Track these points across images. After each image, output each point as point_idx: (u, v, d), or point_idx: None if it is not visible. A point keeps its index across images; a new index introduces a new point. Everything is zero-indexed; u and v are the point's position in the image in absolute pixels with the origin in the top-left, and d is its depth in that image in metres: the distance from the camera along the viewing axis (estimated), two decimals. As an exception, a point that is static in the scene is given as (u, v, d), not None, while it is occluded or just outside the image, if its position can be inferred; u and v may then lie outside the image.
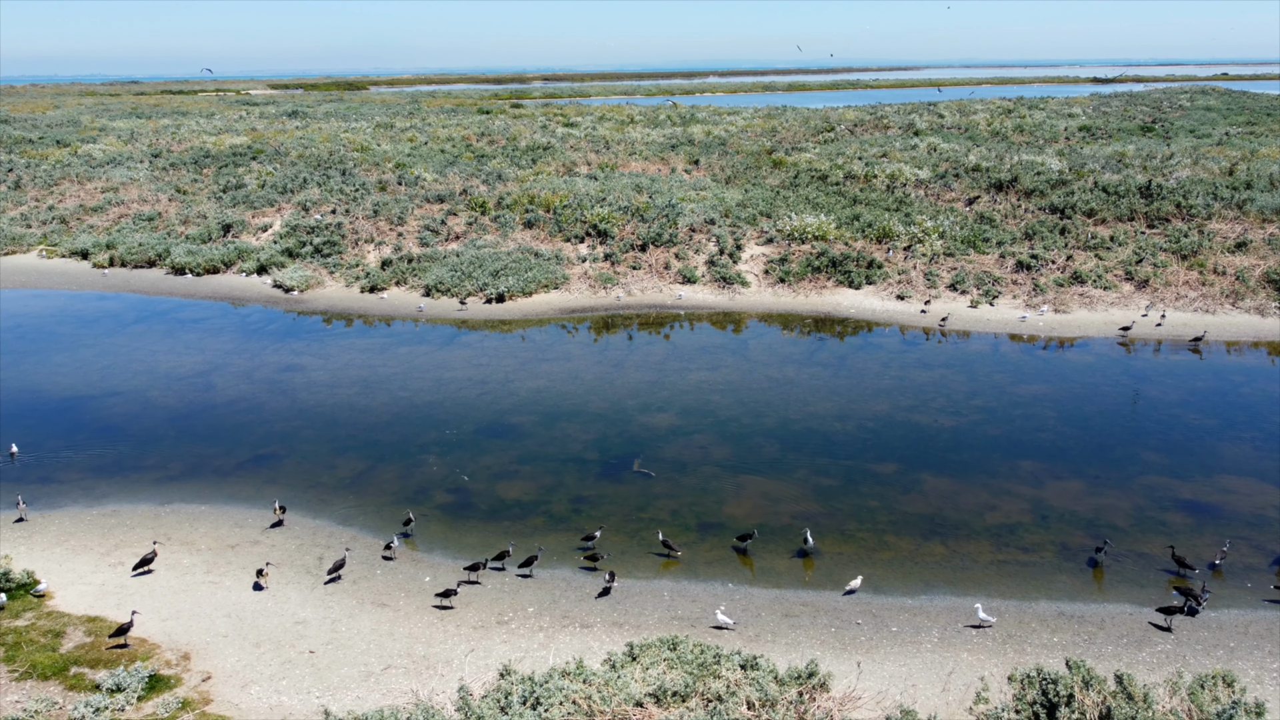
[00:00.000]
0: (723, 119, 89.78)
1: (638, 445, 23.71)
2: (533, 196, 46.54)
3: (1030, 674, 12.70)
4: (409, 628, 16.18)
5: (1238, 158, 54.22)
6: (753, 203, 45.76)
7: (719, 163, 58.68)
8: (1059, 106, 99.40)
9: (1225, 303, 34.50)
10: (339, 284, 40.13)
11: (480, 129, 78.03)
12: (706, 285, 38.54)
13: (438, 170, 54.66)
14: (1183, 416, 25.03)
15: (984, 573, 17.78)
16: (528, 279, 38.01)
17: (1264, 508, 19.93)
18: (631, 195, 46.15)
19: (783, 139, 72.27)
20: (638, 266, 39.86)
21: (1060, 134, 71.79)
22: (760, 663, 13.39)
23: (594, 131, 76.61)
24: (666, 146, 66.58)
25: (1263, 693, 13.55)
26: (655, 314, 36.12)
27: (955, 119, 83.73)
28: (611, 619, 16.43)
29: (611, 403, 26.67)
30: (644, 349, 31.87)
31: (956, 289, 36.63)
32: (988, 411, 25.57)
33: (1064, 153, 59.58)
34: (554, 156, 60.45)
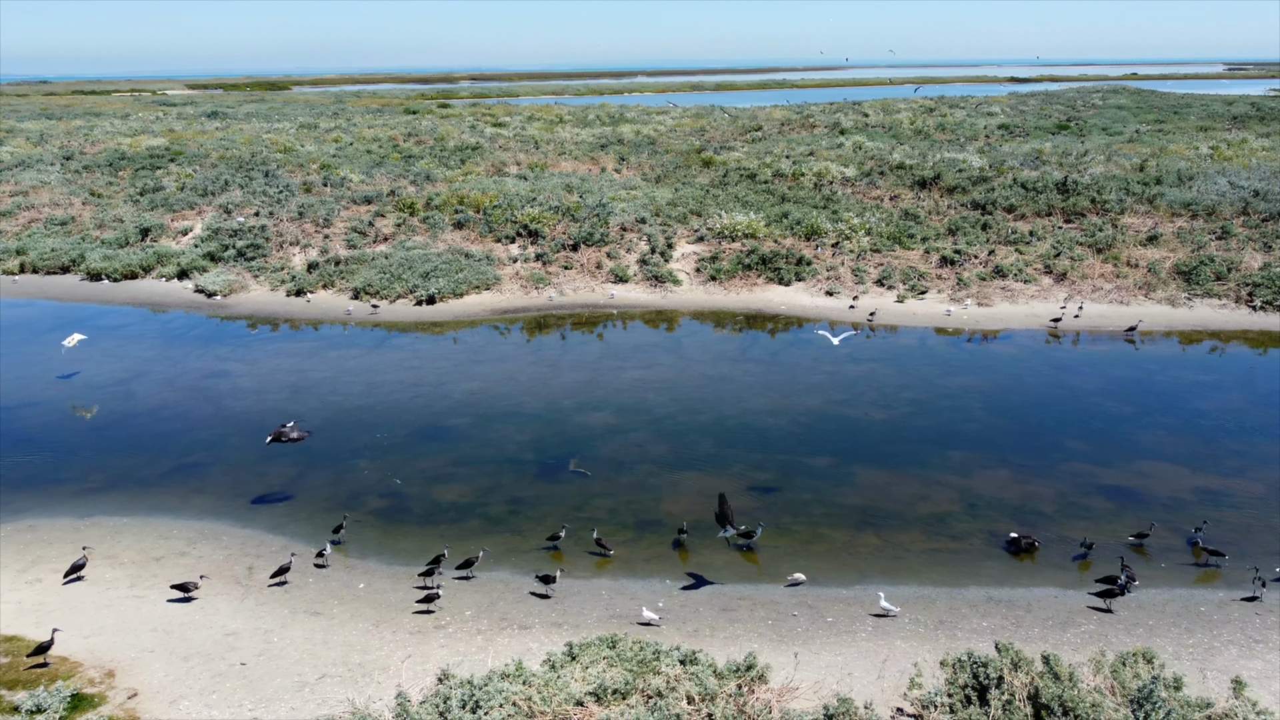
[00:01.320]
0: (652, 118, 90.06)
1: (574, 445, 23.68)
2: (462, 197, 46.13)
3: (962, 658, 13.02)
4: (344, 636, 15.92)
5: (1148, 154, 56.21)
6: (683, 201, 46.01)
7: (649, 162, 58.87)
8: (979, 105, 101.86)
9: (1139, 294, 35.75)
10: (264, 288, 39.29)
11: (407, 129, 77.06)
12: (639, 284, 38.65)
13: (364, 171, 53.84)
14: (1102, 405, 25.86)
15: (916, 561, 18.14)
16: (459, 280, 37.67)
17: (1179, 491, 20.71)
18: (562, 195, 46.05)
19: (712, 138, 72.79)
20: (570, 266, 39.79)
21: (981, 132, 73.57)
22: (699, 657, 13.49)
23: (523, 131, 76.24)
24: (596, 146, 66.57)
25: (1180, 667, 14.06)
26: (588, 313, 36.10)
27: (879, 118, 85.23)
28: (550, 620, 16.38)
29: (547, 403, 26.59)
30: (578, 348, 31.83)
31: (884, 284, 37.33)
32: (917, 404, 26.10)
33: (984, 150, 61.08)
34: (483, 156, 60.00)
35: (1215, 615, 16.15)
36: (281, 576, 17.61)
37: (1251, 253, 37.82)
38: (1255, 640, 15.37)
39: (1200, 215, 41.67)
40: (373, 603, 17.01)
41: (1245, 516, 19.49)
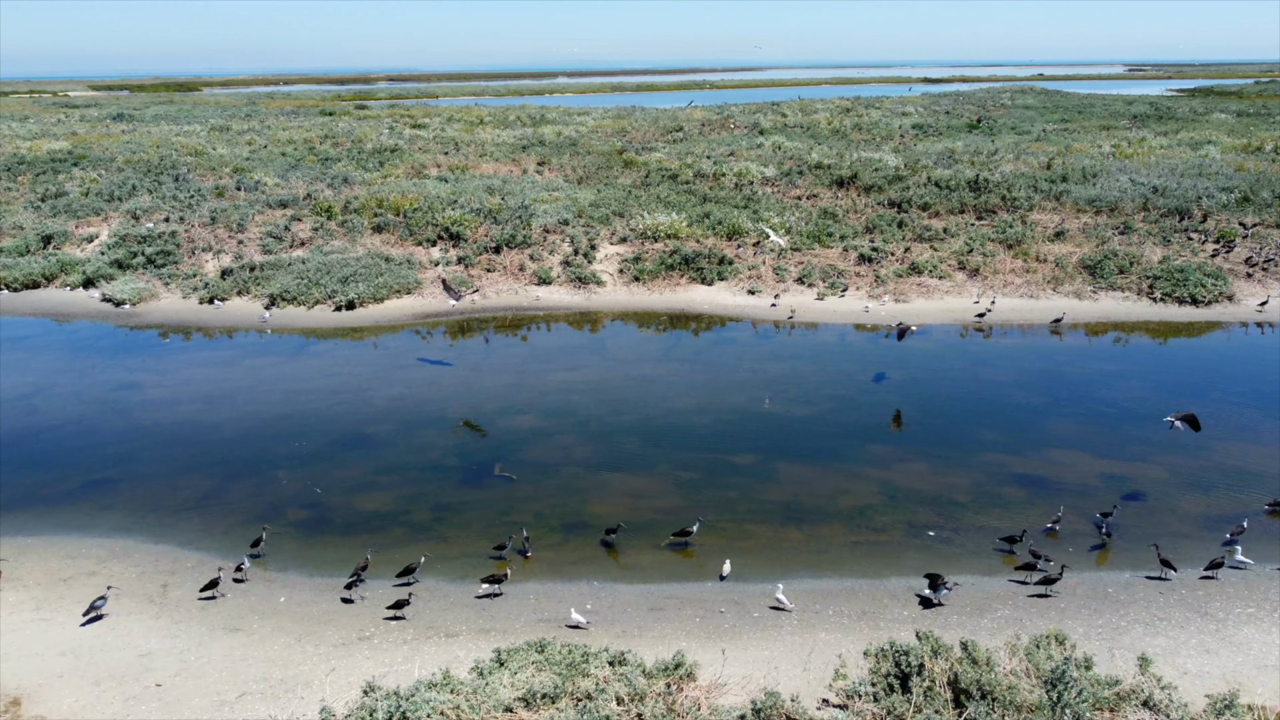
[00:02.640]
0: (573, 119, 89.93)
1: (499, 449, 23.54)
2: (381, 200, 45.45)
3: (884, 648, 13.31)
4: (265, 651, 15.57)
5: (1054, 153, 58.14)
6: (605, 202, 46.06)
7: (571, 163, 58.78)
8: (894, 105, 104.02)
9: (1048, 288, 36.95)
10: (175, 296, 38.17)
11: (324, 131, 75.61)
12: (562, 286, 38.58)
13: (279, 174, 52.65)
14: (1014, 396, 26.68)
15: (839, 554, 18.48)
16: (379, 284, 37.12)
17: (1087, 477, 21.48)
18: (484, 197, 45.71)
19: (633, 139, 72.99)
20: (492, 269, 39.52)
21: (896, 132, 75.16)
22: (628, 658, 13.55)
23: (443, 133, 75.43)
24: (518, 147, 66.21)
25: (1090, 647, 14.60)
26: (512, 316, 35.91)
27: (798, 118, 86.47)
28: (478, 626, 16.27)
29: (471, 407, 26.38)
30: (502, 352, 31.65)
31: (804, 282, 37.91)
32: (838, 399, 26.58)
33: (899, 150, 62.46)
34: (402, 159, 59.19)
35: (1122, 596, 16.80)
36: (211, 590, 17.19)
37: (1151, 247, 39.41)
38: (1159, 618, 16.03)
39: (1104, 211, 43.27)
40: (295, 616, 16.67)
41: (1149, 501, 20.30)
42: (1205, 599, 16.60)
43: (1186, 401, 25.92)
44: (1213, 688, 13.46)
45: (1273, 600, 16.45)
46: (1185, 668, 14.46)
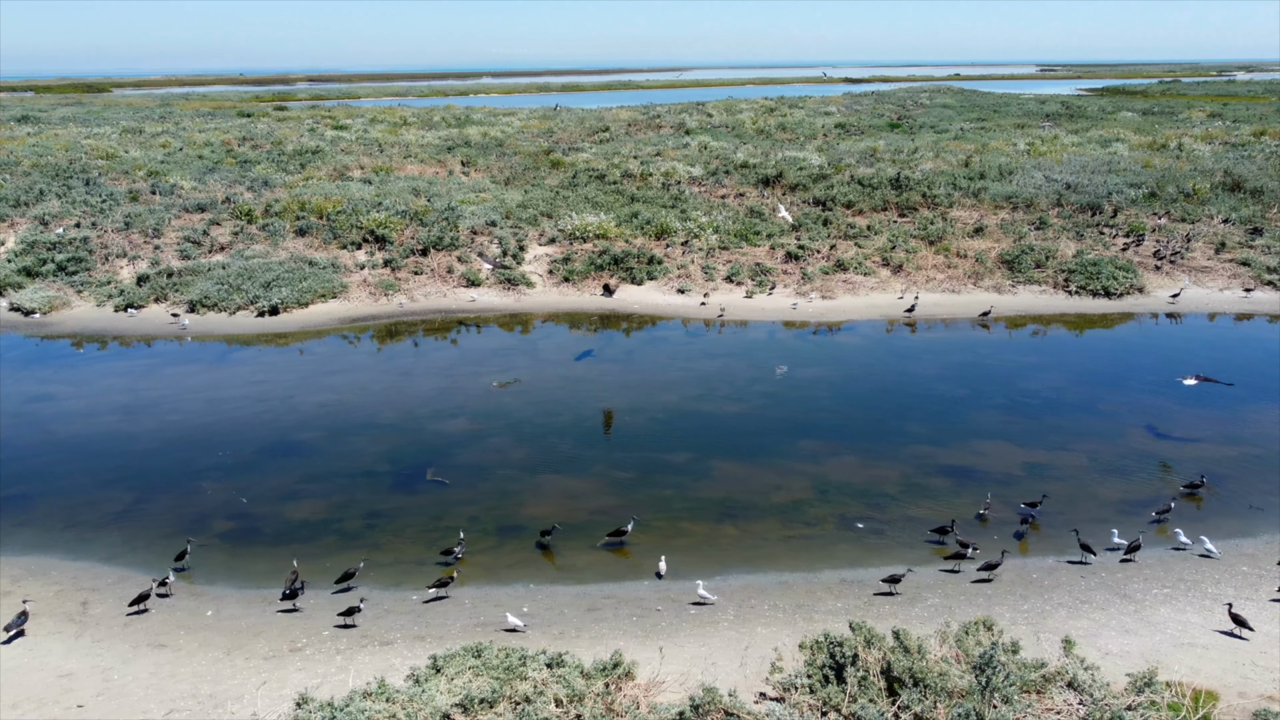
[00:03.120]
0: (499, 120, 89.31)
1: (431, 453, 23.27)
2: (304, 203, 44.55)
3: (819, 639, 13.51)
4: (193, 667, 15.15)
5: (972, 151, 59.61)
6: (533, 203, 45.86)
7: (497, 164, 58.40)
8: (816, 105, 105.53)
9: (969, 283, 37.89)
10: (89, 304, 36.89)
11: (242, 133, 73.77)
12: (492, 287, 38.29)
13: (196, 177, 51.23)
14: (939, 389, 27.29)
15: (774, 549, 18.69)
16: (303, 289, 36.38)
17: (1011, 467, 22.08)
18: (409, 199, 45.13)
19: (560, 139, 72.79)
20: (420, 271, 39.04)
21: (819, 131, 76.27)
22: (566, 659, 13.51)
23: (366, 134, 74.22)
24: (443, 148, 65.52)
25: (1017, 632, 15.01)
26: (441, 319, 35.52)
27: (723, 118, 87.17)
28: (413, 633, 16.06)
29: (402, 412, 26.02)
30: (432, 355, 31.30)
31: (733, 280, 38.25)
32: (769, 396, 26.88)
33: (823, 149, 63.38)
34: (325, 160, 58.10)
35: (1046, 581, 17.31)
36: (142, 604, 16.70)
37: (1066, 241, 40.69)
38: (1081, 601, 16.56)
39: (1020, 207, 44.54)
40: (223, 630, 16.25)
41: (1069, 487, 20.95)
42: (1125, 581, 17.20)
43: (1103, 391, 26.86)
44: (1133, 666, 13.93)
45: (1187, 580, 17.11)
46: (1107, 648, 14.96)
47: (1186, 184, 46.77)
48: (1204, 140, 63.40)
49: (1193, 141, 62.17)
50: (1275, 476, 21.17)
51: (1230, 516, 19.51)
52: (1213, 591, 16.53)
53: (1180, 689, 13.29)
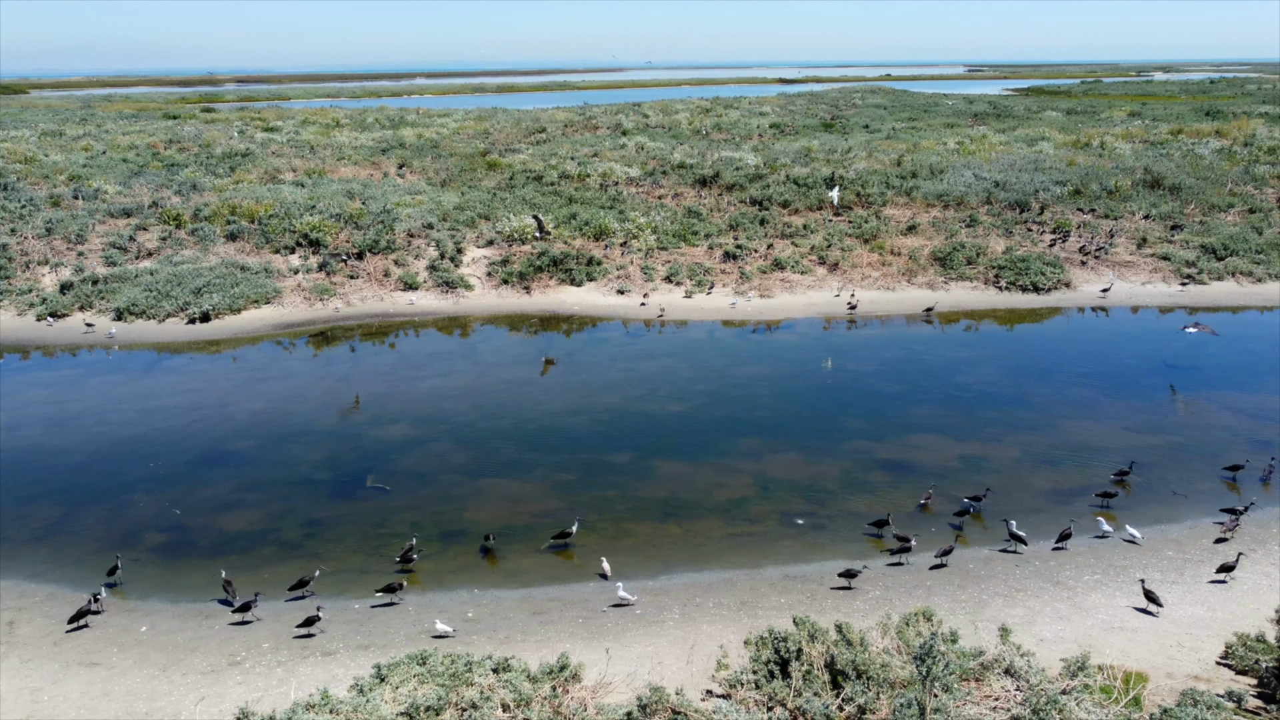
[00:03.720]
0: (434, 121, 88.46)
1: (371, 460, 22.97)
2: (234, 206, 43.64)
3: (763, 635, 13.65)
4: (127, 684, 14.75)
5: (904, 150, 60.68)
6: (470, 205, 45.53)
7: (433, 166, 57.85)
8: (751, 105, 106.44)
9: (903, 280, 38.57)
10: (9, 313, 35.65)
11: (169, 135, 71.93)
12: (430, 291, 37.91)
13: (121, 182, 49.80)
14: (877, 385, 27.73)
15: (717, 547, 18.83)
16: (235, 295, 35.63)
17: (947, 460, 22.54)
18: (343, 202, 44.47)
19: (496, 140, 72.38)
20: (355, 276, 38.50)
21: (754, 131, 76.94)
22: (513, 663, 13.46)
23: (298, 136, 72.93)
24: (377, 150, 64.71)
25: (955, 621, 15.34)
26: (379, 323, 35.08)
27: (659, 119, 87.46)
28: (356, 643, 15.84)
29: (340, 418, 25.64)
30: (370, 360, 30.89)
31: (672, 281, 38.41)
32: (710, 395, 27.05)
33: (759, 149, 63.97)
34: (255, 163, 56.96)
35: (982, 571, 17.71)
36: (81, 620, 16.27)
37: (996, 238, 41.66)
38: (1016, 590, 16.98)
39: (951, 205, 45.48)
40: (159, 645, 15.86)
41: (1003, 479, 21.45)
42: (1057, 569, 17.67)
43: (1034, 384, 27.55)
44: (1067, 651, 14.34)
45: (1116, 566, 17.64)
46: (1042, 635, 15.36)
47: (1109, 181, 48.19)
48: (1124, 139, 65.38)
49: (1114, 140, 64.07)
50: (1197, 463, 21.94)
51: (1156, 503, 20.18)
52: (1139, 576, 17.04)
53: (1112, 672, 13.72)
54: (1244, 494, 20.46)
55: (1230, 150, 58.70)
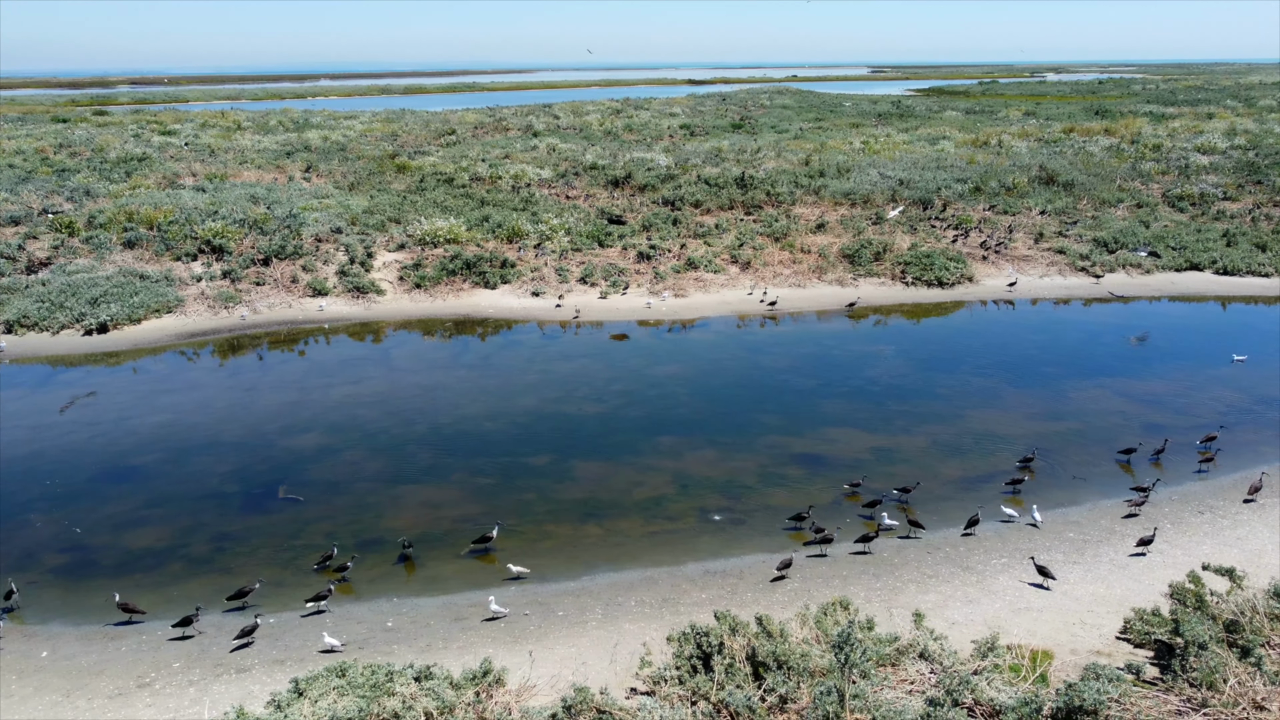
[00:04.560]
0: (340, 123, 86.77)
1: (283, 471, 22.43)
2: (131, 213, 42.10)
3: (685, 631, 13.78)
4: (27, 712, 14.12)
5: (812, 150, 61.83)
6: (380, 209, 44.82)
7: (340, 169, 56.76)
8: (662, 107, 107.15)
9: (813, 277, 39.30)
10: (-112, 328, 33.73)
11: (58, 140, 69.01)
12: (340, 296, 37.18)
13: (7, 188, 47.59)
14: (790, 381, 28.21)
15: (637, 545, 18.92)
16: (135, 304, 34.36)
17: (859, 452, 23.06)
18: (247, 207, 43.30)
19: (405, 143, 71.40)
20: (262, 282, 37.51)
21: (665, 132, 77.47)
22: (434, 671, 13.31)
23: (197, 140, 70.76)
24: (281, 154, 63.21)
25: (871, 609, 15.72)
26: (287, 330, 34.25)
27: (570, 120, 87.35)
28: (272, 658, 15.46)
29: (249, 429, 24.97)
30: (279, 368, 30.15)
31: (586, 282, 38.42)
32: (628, 395, 27.15)
33: (670, 149, 64.42)
34: (152, 168, 55.04)
35: (895, 559, 18.18)
36: None
37: (901, 235, 42.74)
38: (929, 576, 17.48)
39: (858, 203, 46.54)
40: (61, 671, 15.22)
41: (912, 469, 22.05)
42: (967, 554, 18.24)
43: (940, 375, 28.35)
44: (977, 634, 14.83)
45: (1022, 549, 18.28)
46: (954, 618, 15.84)
47: (1007, 179, 49.93)
48: (1020, 137, 67.78)
49: (1011, 139, 66.38)
50: (1094, 448, 22.89)
51: (1056, 488, 20.98)
52: (1044, 558, 17.70)
53: (1020, 651, 14.24)
54: (1138, 475, 21.42)
55: (1118, 148, 61.37)
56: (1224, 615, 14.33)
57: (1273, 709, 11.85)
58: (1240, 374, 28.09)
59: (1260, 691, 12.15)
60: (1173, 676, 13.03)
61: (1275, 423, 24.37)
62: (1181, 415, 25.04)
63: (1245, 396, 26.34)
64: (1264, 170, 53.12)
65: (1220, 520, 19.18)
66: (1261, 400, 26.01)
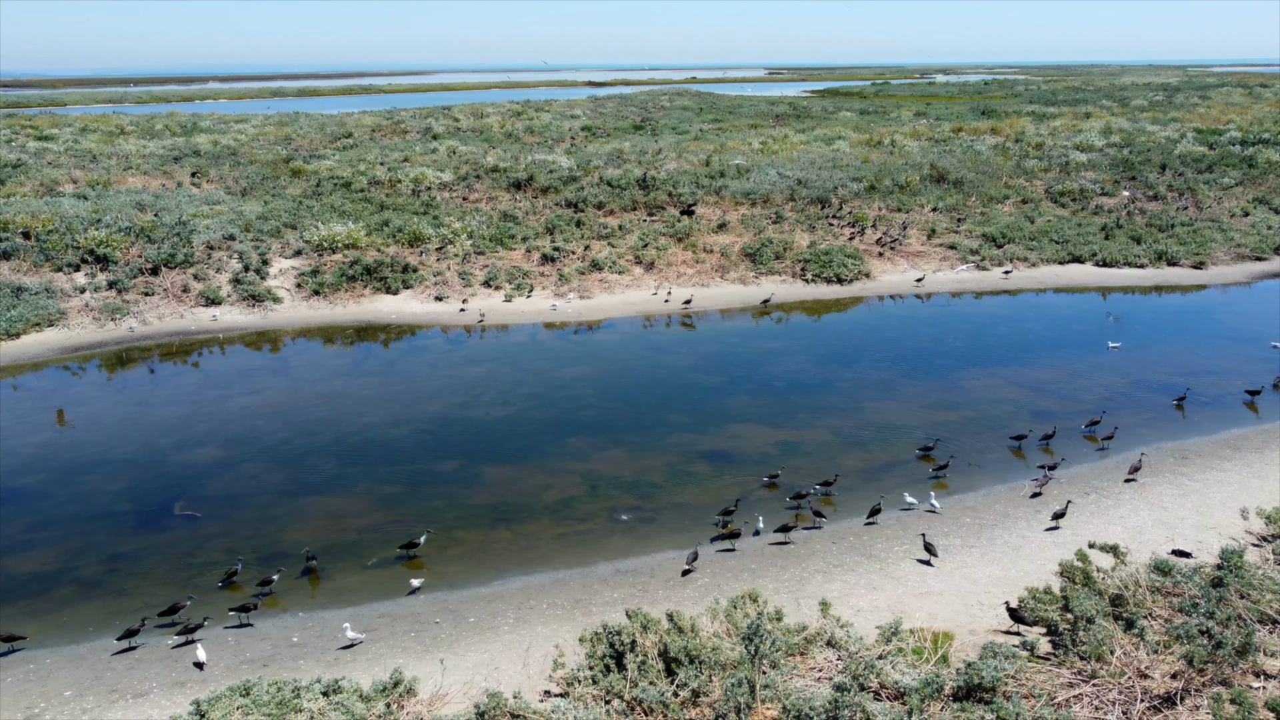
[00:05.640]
0: (230, 127, 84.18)
1: (178, 487, 21.67)
2: (6, 222, 40.00)
3: (598, 631, 13.85)
4: (-96, 753, 13.36)
5: (712, 150, 62.59)
6: (275, 215, 43.65)
7: (232, 174, 55.06)
8: (563, 108, 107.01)
9: (716, 276, 39.81)
10: None
11: (-78, 146, 65.19)
12: (235, 305, 36.08)
13: None
14: (696, 379, 28.53)
15: (548, 548, 18.90)
16: (12, 319, 32.70)
17: (765, 447, 23.48)
18: (134, 214, 41.66)
19: (299, 146, 69.67)
20: (151, 292, 36.14)
21: (566, 134, 77.40)
22: (343, 684, 13.08)
23: (77, 145, 67.69)
24: (169, 159, 60.99)
25: (780, 600, 16.04)
26: (180, 342, 33.08)
27: (470, 122, 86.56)
28: (171, 680, 14.92)
29: (141, 444, 24.04)
30: (172, 381, 29.11)
31: (490, 285, 38.14)
32: (535, 398, 27.07)
33: (571, 151, 64.39)
34: (29, 175, 52.40)
35: (802, 550, 18.57)
36: None
37: (800, 233, 43.64)
38: (834, 566, 17.91)
39: (758, 203, 47.31)
40: (-60, 706, 14.44)
41: (816, 461, 22.56)
42: (870, 542, 18.75)
43: (840, 370, 29.06)
44: (881, 619, 15.28)
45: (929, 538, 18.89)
46: (859, 605, 16.27)
47: (900, 177, 51.43)
48: (912, 137, 69.87)
49: (903, 138, 68.36)
50: (987, 435, 23.79)
51: (953, 474, 21.71)
52: (943, 544, 18.33)
53: (922, 634, 14.73)
54: (1029, 460, 22.36)
55: (1004, 146, 63.81)
56: (1110, 590, 15.10)
57: (1156, 676, 12.53)
58: (1117, 361, 29.56)
59: (1144, 660, 12.84)
60: (1064, 651, 13.66)
61: (1151, 405, 25.73)
62: (1067, 401, 26.23)
63: (1123, 381, 27.75)
64: (1137, 167, 55.96)
65: (1104, 500, 20.15)
66: (1137, 384, 27.43)
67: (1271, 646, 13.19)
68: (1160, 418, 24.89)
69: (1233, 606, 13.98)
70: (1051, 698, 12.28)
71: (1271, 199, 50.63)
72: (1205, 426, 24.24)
